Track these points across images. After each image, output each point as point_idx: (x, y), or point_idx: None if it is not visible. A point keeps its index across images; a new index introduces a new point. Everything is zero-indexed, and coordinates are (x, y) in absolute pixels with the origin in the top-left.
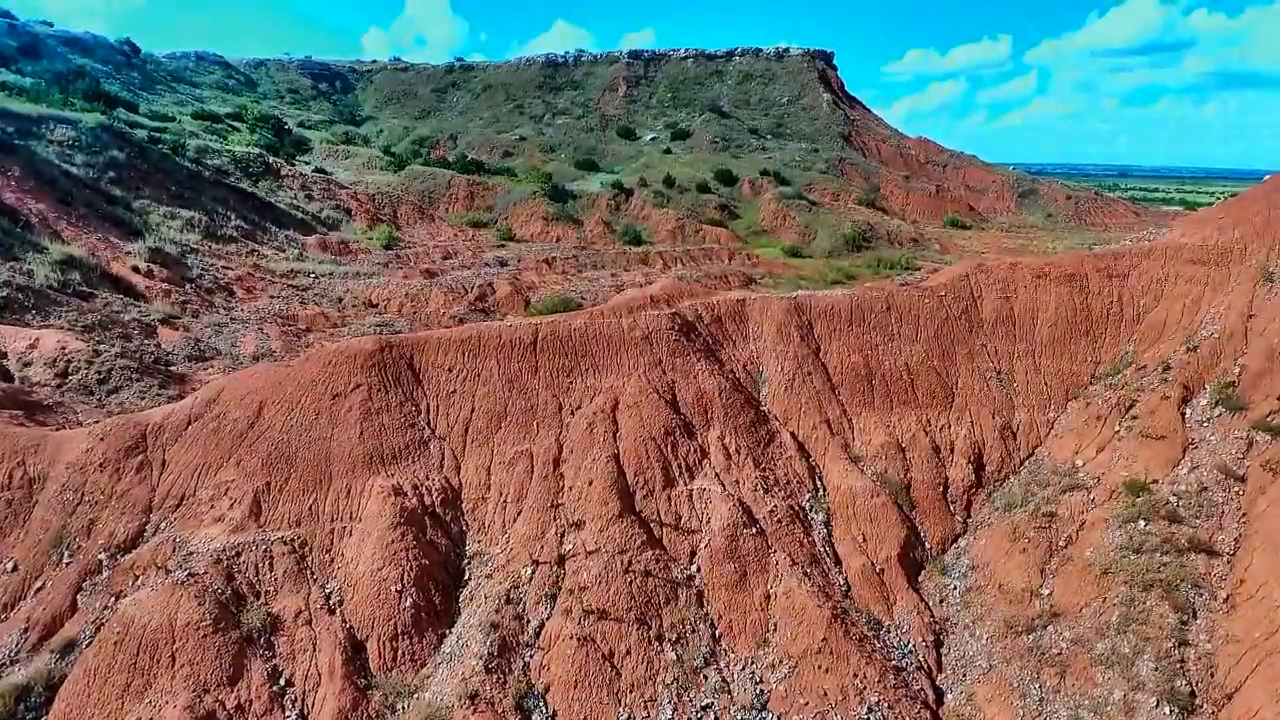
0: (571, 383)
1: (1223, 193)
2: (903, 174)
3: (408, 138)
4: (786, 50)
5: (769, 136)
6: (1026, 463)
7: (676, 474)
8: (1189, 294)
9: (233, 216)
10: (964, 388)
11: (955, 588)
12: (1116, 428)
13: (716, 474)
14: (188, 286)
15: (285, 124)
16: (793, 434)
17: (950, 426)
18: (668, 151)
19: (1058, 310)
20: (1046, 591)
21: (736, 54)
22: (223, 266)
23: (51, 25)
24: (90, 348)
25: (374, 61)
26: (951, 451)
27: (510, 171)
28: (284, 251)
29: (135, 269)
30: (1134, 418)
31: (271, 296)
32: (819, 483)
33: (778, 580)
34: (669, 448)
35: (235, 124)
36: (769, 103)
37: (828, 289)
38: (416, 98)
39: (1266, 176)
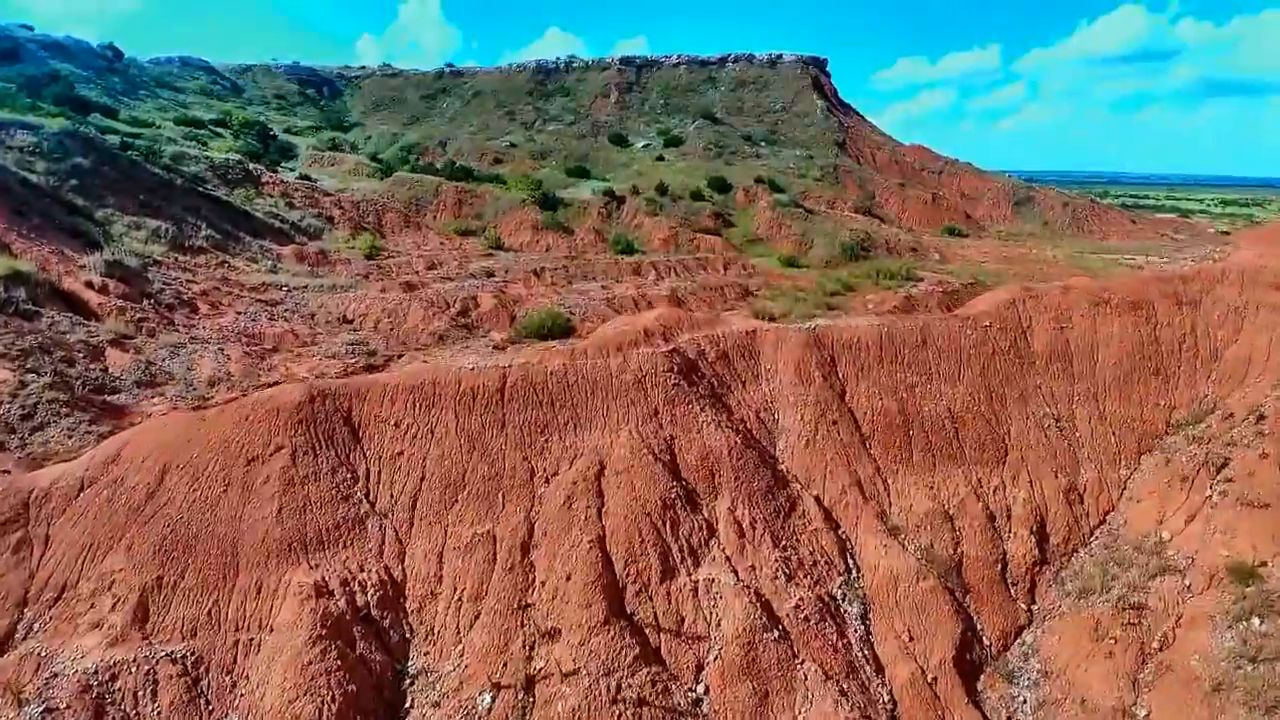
0: (547, 441)
1: (1213, 199)
2: (898, 181)
3: (396, 144)
4: (780, 57)
5: (763, 143)
6: (1098, 533)
7: (678, 560)
8: (1275, 325)
9: (203, 226)
10: (1018, 438)
11: (1025, 700)
12: (1207, 491)
13: (728, 557)
14: (145, 302)
15: (271, 130)
16: (817, 499)
17: (1005, 488)
18: (660, 158)
19: (1121, 344)
20: (1142, 712)
21: (729, 60)
22: (187, 280)
23: (32, 29)
24: (17, 378)
25: (363, 67)
26: (1008, 519)
27: (500, 179)
28: (257, 263)
29: (89, 284)
30: (1228, 480)
31: (238, 312)
32: (851, 562)
33: (808, 702)
34: (668, 525)
35: (219, 130)
36: (762, 109)
37: (827, 299)
38: (405, 104)
39: None
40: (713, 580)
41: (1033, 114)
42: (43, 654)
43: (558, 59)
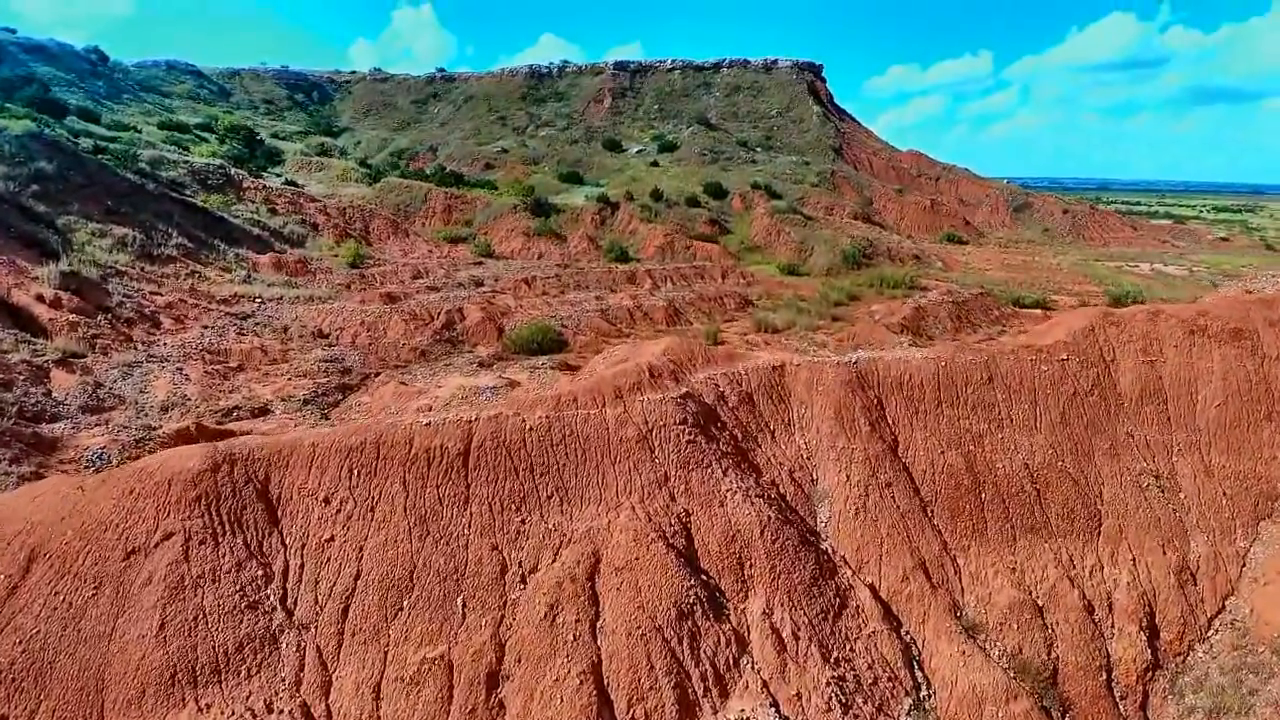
0: (524, 523)
1: (1205, 205)
2: (895, 187)
3: (386, 149)
4: (775, 62)
5: (758, 149)
6: (1217, 624)
7: (699, 692)
8: None
9: (174, 233)
10: (1113, 502)
11: None
12: None
13: (764, 682)
14: (102, 317)
15: (258, 135)
16: (873, 589)
17: (1103, 567)
18: (655, 164)
19: (1225, 381)
20: None
21: (724, 65)
22: (151, 292)
23: (15, 32)
24: None
25: (353, 72)
26: (1109, 609)
27: (491, 184)
28: (230, 272)
29: (40, 297)
30: None
31: (205, 327)
32: (921, 675)
33: None
34: (685, 643)
35: (204, 134)
36: (758, 115)
37: (831, 310)
38: (396, 109)
39: None
40: (747, 719)
41: (1024, 121)
42: None
43: (550, 64)
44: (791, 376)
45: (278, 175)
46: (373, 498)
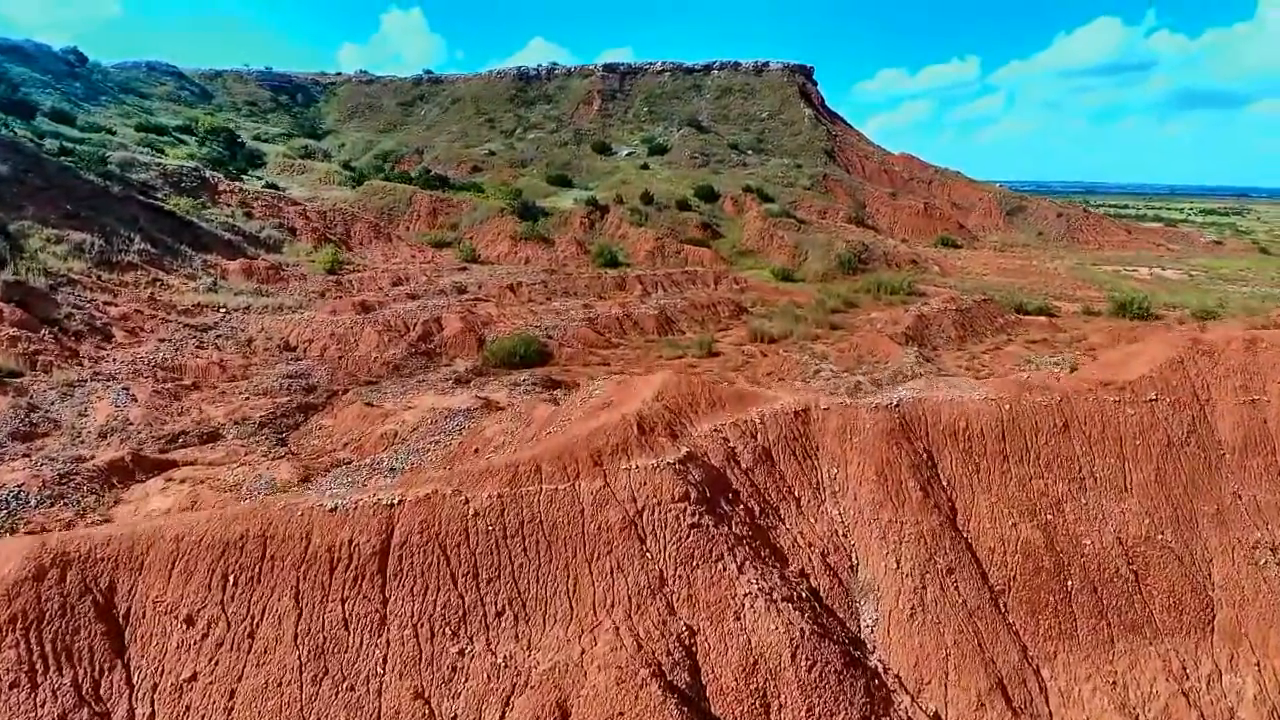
0: (463, 654)
1: (1192, 208)
2: (889, 191)
3: (371, 152)
4: (766, 64)
5: (750, 152)
6: None
7: None
8: None
9: (137, 239)
10: (1226, 586)
11: None
12: None
13: None
14: (46, 331)
15: (239, 137)
16: None
17: (1222, 675)
18: (645, 167)
19: None
20: None
21: (715, 67)
22: (105, 302)
23: None
24: None
25: (338, 74)
26: None
27: (477, 187)
28: (195, 280)
29: None
30: None
31: (161, 340)
32: None
33: None
34: None
35: (184, 137)
36: (749, 117)
37: (829, 318)
38: (382, 111)
39: None
40: None
41: (1011, 125)
42: None
43: (539, 66)
44: (818, 425)
45: (258, 178)
46: (253, 617)
